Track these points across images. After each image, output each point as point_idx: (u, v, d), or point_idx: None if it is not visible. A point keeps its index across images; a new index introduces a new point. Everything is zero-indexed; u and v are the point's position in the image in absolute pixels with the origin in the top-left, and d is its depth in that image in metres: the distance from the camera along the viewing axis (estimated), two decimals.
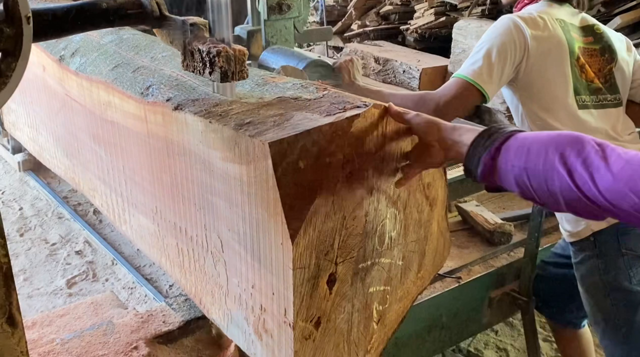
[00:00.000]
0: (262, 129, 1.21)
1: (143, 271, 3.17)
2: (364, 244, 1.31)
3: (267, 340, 1.34)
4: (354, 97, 1.29)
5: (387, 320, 1.47)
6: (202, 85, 1.51)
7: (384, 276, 1.40)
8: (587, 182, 1.01)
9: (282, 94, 1.41)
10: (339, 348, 1.35)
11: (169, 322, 1.90)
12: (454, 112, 1.87)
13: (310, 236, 1.19)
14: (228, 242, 1.38)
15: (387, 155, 1.28)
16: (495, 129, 1.16)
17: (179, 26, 1.39)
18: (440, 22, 4.73)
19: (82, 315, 2.05)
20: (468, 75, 1.84)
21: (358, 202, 1.26)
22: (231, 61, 1.31)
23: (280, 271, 1.22)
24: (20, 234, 3.63)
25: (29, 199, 4.03)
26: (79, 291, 3.10)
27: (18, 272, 3.23)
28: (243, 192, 1.26)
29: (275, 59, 2.10)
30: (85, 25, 1.34)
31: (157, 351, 1.81)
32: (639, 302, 1.88)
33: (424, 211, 1.45)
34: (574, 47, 1.93)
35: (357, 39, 5.22)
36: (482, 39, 1.91)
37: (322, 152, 1.17)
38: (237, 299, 1.42)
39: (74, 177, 2.29)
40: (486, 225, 2.30)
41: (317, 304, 1.26)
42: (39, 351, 1.77)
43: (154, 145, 1.57)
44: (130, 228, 1.91)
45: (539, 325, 2.84)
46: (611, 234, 1.87)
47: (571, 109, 1.91)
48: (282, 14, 2.57)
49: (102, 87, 1.79)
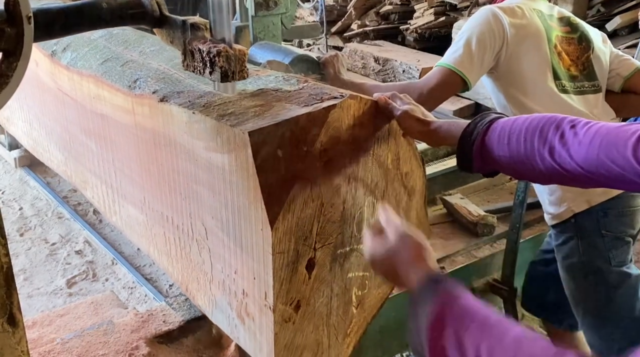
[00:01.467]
0: (243, 119, 1.25)
1: (143, 271, 3.19)
2: (342, 230, 1.36)
3: (249, 323, 1.39)
4: (332, 89, 1.34)
5: (366, 305, 1.51)
6: (188, 78, 1.55)
7: (362, 262, 1.45)
8: (565, 158, 1.08)
9: (264, 86, 1.45)
10: (318, 331, 1.40)
11: (169, 322, 1.91)
12: (437, 99, 1.94)
13: (289, 222, 1.23)
14: (212, 229, 1.43)
15: (364, 145, 1.33)
16: (475, 122, 1.22)
17: (179, 26, 1.38)
18: (440, 21, 4.77)
19: (82, 315, 2.07)
20: (450, 63, 1.90)
21: (336, 190, 1.31)
22: (231, 61, 1.31)
23: (261, 256, 1.27)
24: (20, 233, 3.65)
25: (29, 199, 4.05)
26: (79, 291, 3.12)
27: (18, 272, 3.26)
28: (225, 181, 1.31)
29: (262, 54, 2.14)
30: (86, 25, 1.34)
31: (157, 350, 1.83)
32: (618, 284, 1.92)
33: (402, 199, 1.50)
34: (551, 34, 2.00)
35: (357, 38, 5.26)
36: (462, 29, 1.98)
37: (300, 141, 1.22)
38: (220, 285, 1.47)
39: (66, 170, 2.33)
40: (470, 217, 2.36)
41: (297, 288, 1.31)
42: (40, 351, 1.79)
43: (142, 136, 1.62)
44: (120, 219, 1.95)
45: (537, 324, 2.87)
46: (591, 216, 1.92)
47: (552, 92, 1.96)
48: (270, 10, 2.62)
49: (92, 81, 1.84)
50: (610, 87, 2.10)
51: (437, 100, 1.93)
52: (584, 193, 1.90)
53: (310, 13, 6.00)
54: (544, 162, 1.11)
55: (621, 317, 1.95)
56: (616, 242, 1.91)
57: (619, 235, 1.93)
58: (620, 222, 1.92)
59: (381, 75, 4.11)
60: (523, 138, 1.13)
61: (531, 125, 1.14)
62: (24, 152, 4.19)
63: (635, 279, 1.95)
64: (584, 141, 1.07)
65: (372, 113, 1.32)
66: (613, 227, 1.91)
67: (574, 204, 1.93)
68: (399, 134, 1.40)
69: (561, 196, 1.94)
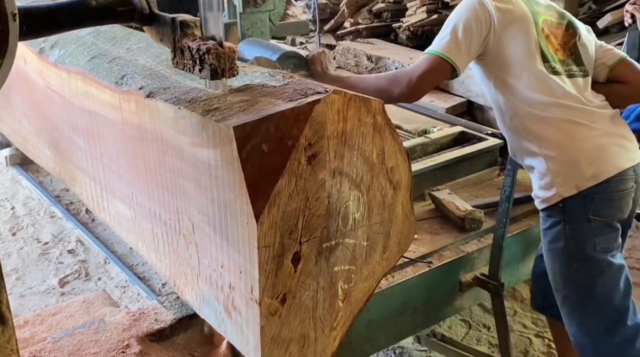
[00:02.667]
0: (228, 114, 1.27)
1: (136, 270, 3.19)
2: (328, 224, 1.37)
3: (236, 317, 1.40)
4: (316, 84, 1.35)
5: (352, 298, 1.53)
6: (174, 74, 1.56)
7: (348, 256, 1.46)
8: None
9: (250, 81, 1.46)
10: (304, 324, 1.41)
11: (160, 320, 1.91)
12: (426, 85, 1.96)
13: (274, 216, 1.25)
14: (199, 224, 1.44)
15: (348, 140, 1.34)
16: None
17: (169, 24, 1.38)
18: (432, 19, 4.78)
19: (74, 313, 2.06)
20: (438, 49, 1.93)
21: (320, 184, 1.32)
22: (221, 58, 1.31)
23: (247, 249, 1.28)
24: (13, 233, 3.67)
25: (21, 198, 4.05)
26: (71, 290, 3.13)
27: (10, 271, 3.25)
28: (211, 176, 1.32)
29: (249, 50, 2.16)
30: (74, 23, 1.34)
31: (149, 349, 1.83)
32: (601, 271, 1.95)
33: (387, 194, 1.52)
34: (537, 19, 2.04)
35: (350, 36, 5.27)
36: (449, 18, 2.01)
37: (285, 135, 1.23)
38: (208, 279, 1.48)
39: (55, 168, 2.34)
40: (457, 212, 2.37)
41: (283, 281, 1.32)
42: (31, 350, 1.78)
43: (129, 132, 1.63)
44: (108, 215, 1.96)
45: (530, 321, 2.90)
46: (579, 201, 1.94)
47: (542, 74, 1.99)
48: (257, 7, 2.63)
49: (80, 78, 1.84)
50: (596, 77, 2.14)
51: (425, 86, 1.96)
52: (573, 178, 1.94)
53: (303, 11, 6.00)
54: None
55: (599, 306, 1.98)
56: (603, 227, 1.94)
57: (608, 220, 1.96)
58: (609, 206, 1.95)
59: (374, 73, 4.11)
60: None
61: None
62: (15, 150, 4.18)
63: (618, 268, 1.97)
64: None
65: (356, 108, 1.33)
66: (601, 212, 1.94)
67: (563, 189, 1.96)
68: (384, 128, 1.41)
69: (550, 181, 1.97)
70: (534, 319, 2.92)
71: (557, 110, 1.98)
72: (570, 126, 1.98)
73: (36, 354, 1.77)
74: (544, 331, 2.82)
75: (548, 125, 1.99)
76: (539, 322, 2.90)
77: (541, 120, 1.99)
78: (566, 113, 1.98)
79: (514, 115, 2.03)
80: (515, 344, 2.73)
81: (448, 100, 3.64)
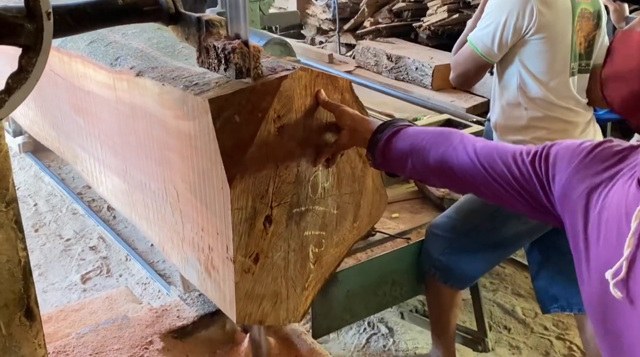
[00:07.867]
0: (206, 89, 1.40)
1: (156, 267, 3.25)
2: (297, 191, 1.51)
3: (214, 275, 1.55)
4: (286, 62, 1.48)
5: (323, 262, 1.66)
6: (163, 55, 1.71)
7: (318, 222, 1.60)
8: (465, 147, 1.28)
9: None
10: (277, 282, 1.55)
11: (183, 317, 1.95)
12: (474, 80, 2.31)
13: (246, 181, 1.38)
14: (182, 192, 1.58)
15: (316, 114, 1.47)
16: (387, 123, 1.41)
17: (194, 23, 1.40)
18: (453, 19, 4.70)
19: (97, 310, 2.10)
20: (479, 49, 2.11)
21: (289, 154, 1.45)
22: (246, 58, 1.34)
23: (222, 212, 1.42)
24: (35, 229, 3.70)
25: (43, 195, 4.10)
26: (93, 286, 3.18)
27: (33, 267, 3.27)
28: (192, 146, 1.46)
29: None
30: (102, 22, 1.37)
31: (171, 345, 1.86)
32: (507, 217, 2.05)
33: (357, 166, 1.65)
34: (576, 10, 2.09)
35: (370, 36, 5.20)
36: (491, 6, 2.10)
37: (255, 108, 1.36)
38: (191, 243, 1.62)
39: (59, 147, 2.49)
40: (436, 192, 2.50)
41: (255, 242, 1.46)
42: (55, 345, 1.82)
43: (122, 110, 1.77)
44: (106, 189, 2.11)
45: (551, 323, 2.87)
46: None
47: (564, 78, 2.11)
48: None
49: (80, 61, 1.99)
50: None
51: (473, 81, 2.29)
52: None
53: (323, 10, 5.93)
54: (438, 151, 1.29)
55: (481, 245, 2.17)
56: None
57: None
58: None
59: (394, 73, 4.12)
60: (426, 133, 1.35)
61: (436, 131, 1.37)
62: (28, 138, 4.33)
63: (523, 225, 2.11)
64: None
65: (323, 84, 1.46)
66: None
67: None
68: (352, 105, 1.54)
69: None
70: (554, 321, 2.90)
71: (558, 110, 2.12)
72: (563, 126, 2.13)
73: (60, 349, 1.81)
74: (565, 333, 2.82)
75: (544, 121, 2.13)
76: (560, 324, 2.89)
77: (541, 119, 2.12)
78: (564, 114, 2.13)
79: (523, 102, 2.14)
80: (536, 347, 2.74)
81: (469, 100, 3.68)
